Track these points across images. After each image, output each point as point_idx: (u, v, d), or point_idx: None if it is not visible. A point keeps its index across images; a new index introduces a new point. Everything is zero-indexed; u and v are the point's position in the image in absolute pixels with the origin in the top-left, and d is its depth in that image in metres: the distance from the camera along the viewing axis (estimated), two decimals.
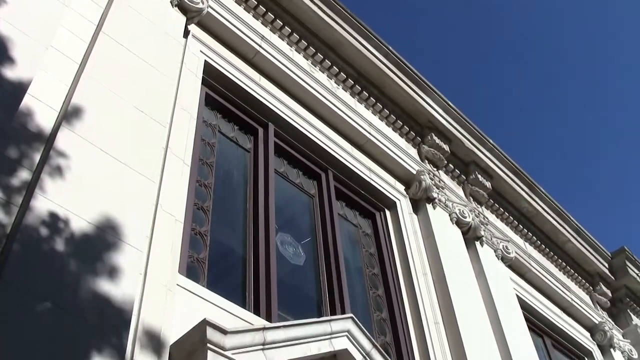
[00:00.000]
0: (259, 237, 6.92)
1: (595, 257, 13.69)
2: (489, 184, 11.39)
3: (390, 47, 10.17)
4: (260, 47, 8.38)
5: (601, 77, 35.97)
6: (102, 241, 4.68)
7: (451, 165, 11.05)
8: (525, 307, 10.91)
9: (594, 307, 13.40)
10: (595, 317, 12.95)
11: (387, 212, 9.38)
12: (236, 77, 8.00)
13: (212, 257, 6.33)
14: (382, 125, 10.06)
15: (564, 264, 13.13)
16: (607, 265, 14.00)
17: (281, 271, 6.95)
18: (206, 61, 7.67)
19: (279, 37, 8.99)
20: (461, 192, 11.00)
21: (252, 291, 6.46)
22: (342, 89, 9.67)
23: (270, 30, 8.88)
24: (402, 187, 9.79)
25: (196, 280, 5.84)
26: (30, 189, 4.62)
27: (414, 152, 10.46)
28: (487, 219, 11.01)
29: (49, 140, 5.05)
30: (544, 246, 12.73)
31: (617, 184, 37.55)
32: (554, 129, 37.18)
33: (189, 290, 5.54)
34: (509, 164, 11.88)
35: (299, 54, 9.18)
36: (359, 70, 9.98)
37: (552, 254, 12.90)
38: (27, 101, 5.11)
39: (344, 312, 7.06)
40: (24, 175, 4.70)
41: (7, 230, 4.33)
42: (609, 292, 13.93)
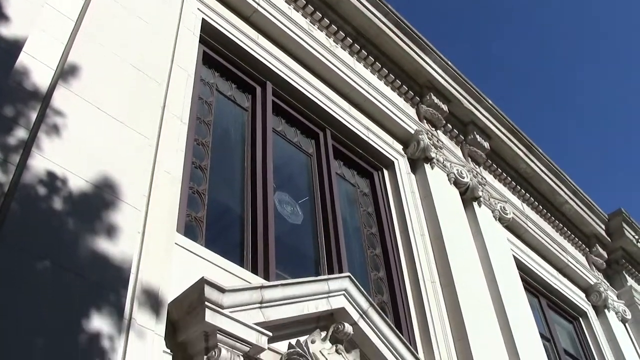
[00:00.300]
0: (256, 196, 6.93)
1: (592, 218, 13.76)
2: (487, 145, 11.37)
3: (389, 6, 10.07)
4: (258, 5, 8.28)
5: (601, 33, 35.70)
6: (100, 200, 4.68)
7: (449, 125, 11.02)
8: (521, 267, 10.99)
9: (590, 268, 13.50)
10: (590, 278, 13.06)
11: (385, 172, 9.38)
12: (234, 36, 7.93)
13: (210, 216, 6.34)
14: (380, 84, 10.00)
15: (560, 225, 13.20)
16: (603, 226, 14.08)
17: (279, 230, 6.97)
18: (204, 19, 7.58)
19: None
20: (459, 153, 10.99)
21: (250, 250, 6.49)
22: (341, 47, 9.59)
23: None
24: (400, 147, 9.77)
25: (194, 239, 5.86)
26: (27, 147, 4.59)
27: (412, 111, 10.42)
28: (485, 179, 11.01)
29: (45, 98, 5.00)
30: (541, 207, 12.78)
31: (616, 146, 37.56)
32: (552, 89, 37.05)
33: (187, 249, 5.56)
34: (507, 124, 11.85)
35: (297, 12, 9.08)
36: (357, 28, 9.88)
37: (549, 215, 12.95)
38: (23, 59, 5.05)
39: (341, 271, 7.11)
40: (21, 134, 4.67)
41: (5, 189, 4.33)
42: (605, 254, 14.03)
